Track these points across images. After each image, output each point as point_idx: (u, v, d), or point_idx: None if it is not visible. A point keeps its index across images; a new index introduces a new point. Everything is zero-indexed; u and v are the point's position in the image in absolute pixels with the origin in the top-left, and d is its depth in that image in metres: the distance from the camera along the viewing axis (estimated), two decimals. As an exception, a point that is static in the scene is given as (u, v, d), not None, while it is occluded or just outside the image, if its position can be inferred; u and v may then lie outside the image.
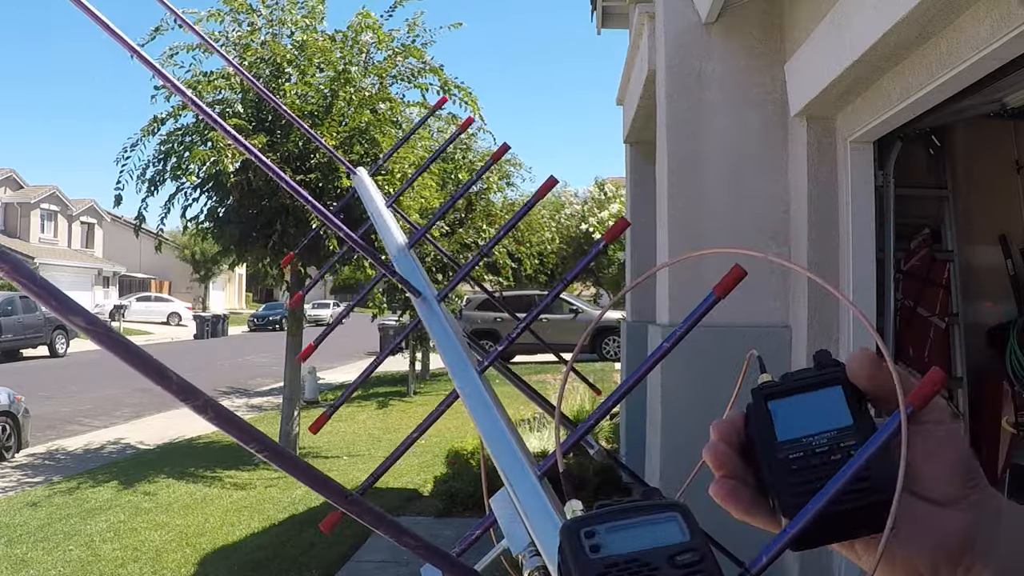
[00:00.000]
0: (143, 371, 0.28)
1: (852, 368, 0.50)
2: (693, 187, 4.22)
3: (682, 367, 4.05)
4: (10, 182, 39.62)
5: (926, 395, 0.43)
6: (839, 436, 0.47)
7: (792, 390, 0.50)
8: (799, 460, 0.47)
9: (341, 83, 8.48)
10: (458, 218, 14.51)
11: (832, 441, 0.47)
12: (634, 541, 0.40)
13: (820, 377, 0.50)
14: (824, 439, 0.47)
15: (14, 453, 9.50)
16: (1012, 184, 4.67)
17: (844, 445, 0.46)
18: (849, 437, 0.47)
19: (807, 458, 0.47)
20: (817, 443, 0.47)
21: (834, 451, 0.46)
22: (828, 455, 0.46)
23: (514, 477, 0.51)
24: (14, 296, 22.25)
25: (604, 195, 21.59)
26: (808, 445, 0.47)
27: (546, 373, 16.05)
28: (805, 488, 0.45)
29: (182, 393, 0.29)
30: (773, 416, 0.49)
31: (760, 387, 0.51)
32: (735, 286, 0.49)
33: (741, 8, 4.15)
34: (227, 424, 0.30)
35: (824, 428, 0.48)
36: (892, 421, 0.43)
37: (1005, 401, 4.45)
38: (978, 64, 2.53)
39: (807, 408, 0.49)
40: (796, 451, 0.47)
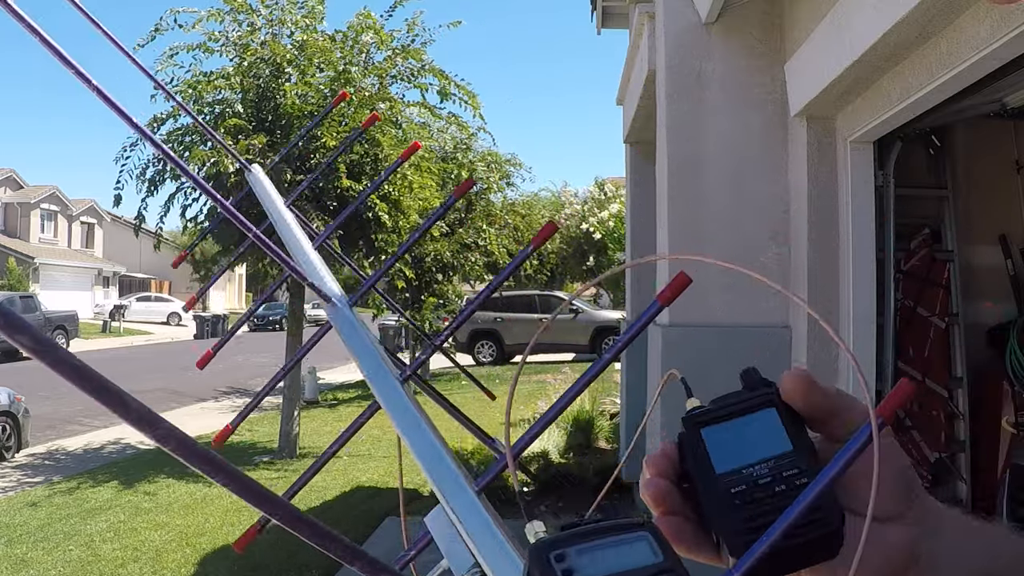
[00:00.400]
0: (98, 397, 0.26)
1: (786, 389, 0.48)
2: (693, 187, 4.22)
3: (682, 367, 4.04)
4: (10, 182, 39.62)
5: (895, 407, 0.41)
6: (781, 464, 0.44)
7: (725, 416, 0.47)
8: (742, 494, 0.44)
9: (341, 83, 8.48)
10: (458, 218, 14.51)
11: (774, 471, 0.44)
12: (607, 563, 0.38)
13: (752, 400, 0.47)
14: (766, 469, 0.44)
15: (14, 453, 9.50)
16: (1012, 184, 4.67)
17: (787, 475, 0.44)
18: (790, 465, 0.44)
19: (750, 491, 0.44)
20: (759, 473, 0.44)
21: (777, 481, 0.44)
22: (772, 486, 0.44)
23: (450, 494, 0.47)
24: (14, 296, 22.27)
25: (604, 195, 21.58)
26: (750, 477, 0.44)
27: (546, 373, 16.05)
28: (752, 524, 0.42)
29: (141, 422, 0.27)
30: (708, 445, 0.46)
31: (691, 415, 0.48)
32: (679, 294, 0.46)
33: (741, 8, 4.15)
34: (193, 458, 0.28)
35: (764, 456, 0.45)
36: (860, 437, 0.40)
37: (1005, 401, 4.45)
38: (978, 64, 2.53)
39: (743, 434, 0.46)
40: (738, 484, 0.44)
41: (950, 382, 4.50)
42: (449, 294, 14.81)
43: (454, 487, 0.48)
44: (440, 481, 0.48)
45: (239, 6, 8.52)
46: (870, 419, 0.40)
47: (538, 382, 14.85)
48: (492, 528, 0.44)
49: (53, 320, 23.22)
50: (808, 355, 3.85)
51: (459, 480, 0.48)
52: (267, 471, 8.37)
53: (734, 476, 0.45)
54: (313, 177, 0.95)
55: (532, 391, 13.40)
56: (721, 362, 4.01)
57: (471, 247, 14.22)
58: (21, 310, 21.81)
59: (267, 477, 8.18)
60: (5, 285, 30.10)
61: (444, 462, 0.49)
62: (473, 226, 14.49)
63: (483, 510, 0.46)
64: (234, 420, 0.73)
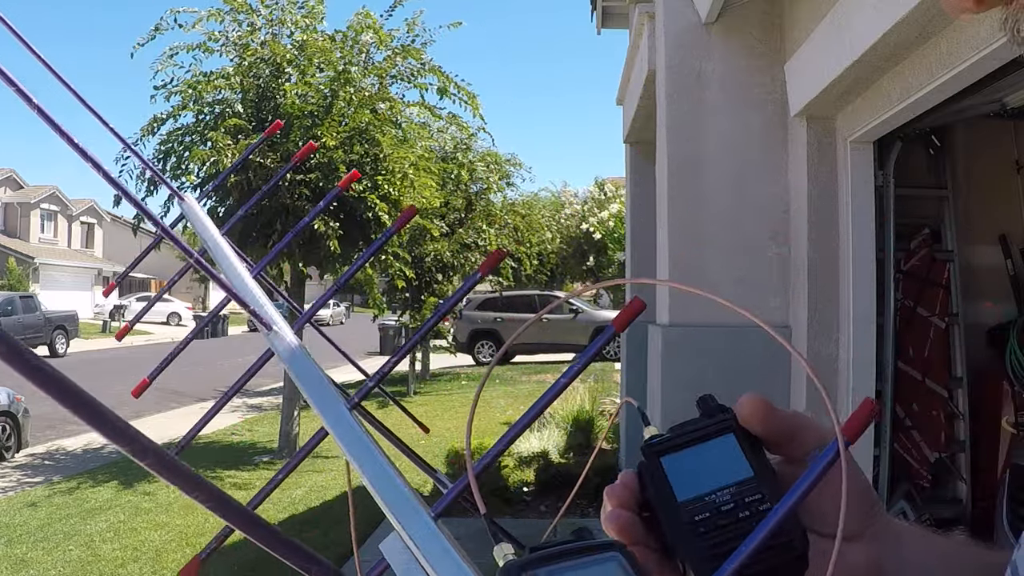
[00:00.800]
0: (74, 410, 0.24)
1: (743, 414, 0.48)
2: (693, 187, 4.22)
3: (682, 367, 4.05)
4: (10, 182, 39.62)
5: (859, 427, 0.41)
6: (743, 490, 0.44)
7: (684, 443, 0.47)
8: (706, 521, 0.44)
9: (341, 83, 8.48)
10: (458, 218, 14.50)
11: (736, 497, 0.44)
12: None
13: (711, 427, 0.47)
14: (727, 495, 0.44)
15: (14, 453, 9.50)
16: (1012, 184, 4.67)
17: (750, 500, 0.44)
18: (752, 490, 0.44)
19: (714, 518, 0.44)
20: (721, 500, 0.44)
21: (740, 507, 0.44)
22: (735, 512, 0.44)
23: (405, 520, 0.46)
24: (14, 296, 22.26)
25: (604, 195, 21.59)
26: (712, 504, 0.44)
27: (545, 373, 16.06)
28: (717, 551, 0.42)
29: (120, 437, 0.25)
30: (668, 474, 0.46)
31: (649, 443, 0.48)
32: (633, 320, 0.46)
33: (741, 8, 4.15)
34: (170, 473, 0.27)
35: (725, 483, 0.45)
36: (825, 455, 0.40)
37: (1005, 401, 4.45)
38: (978, 64, 2.53)
39: (703, 462, 0.46)
40: (701, 511, 0.44)
41: (950, 382, 4.50)
42: (449, 294, 14.80)
43: (409, 512, 0.46)
44: (394, 507, 0.47)
45: (239, 6, 8.52)
46: (836, 438, 0.40)
47: (538, 382, 14.86)
48: (452, 554, 0.43)
49: (53, 320, 23.20)
50: (808, 355, 3.86)
51: (414, 504, 0.47)
52: (267, 471, 8.37)
53: (696, 504, 0.45)
54: (247, 207, 0.94)
55: (532, 391, 13.40)
56: (721, 362, 4.02)
57: (471, 247, 14.21)
58: (21, 310, 21.82)
59: (267, 477, 8.17)
60: (5, 285, 30.09)
61: (396, 488, 0.48)
62: (473, 226, 14.49)
63: (441, 536, 0.45)
64: (151, 372, 0.74)
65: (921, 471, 4.40)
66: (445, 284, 14.29)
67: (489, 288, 20.35)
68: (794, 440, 0.48)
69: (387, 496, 0.48)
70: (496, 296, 19.75)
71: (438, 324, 4.56)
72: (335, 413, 0.55)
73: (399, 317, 15.80)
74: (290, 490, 7.61)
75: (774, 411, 0.48)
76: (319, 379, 0.58)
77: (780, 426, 0.48)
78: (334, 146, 8.05)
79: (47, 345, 23.04)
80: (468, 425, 0.53)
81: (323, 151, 8.05)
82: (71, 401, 0.24)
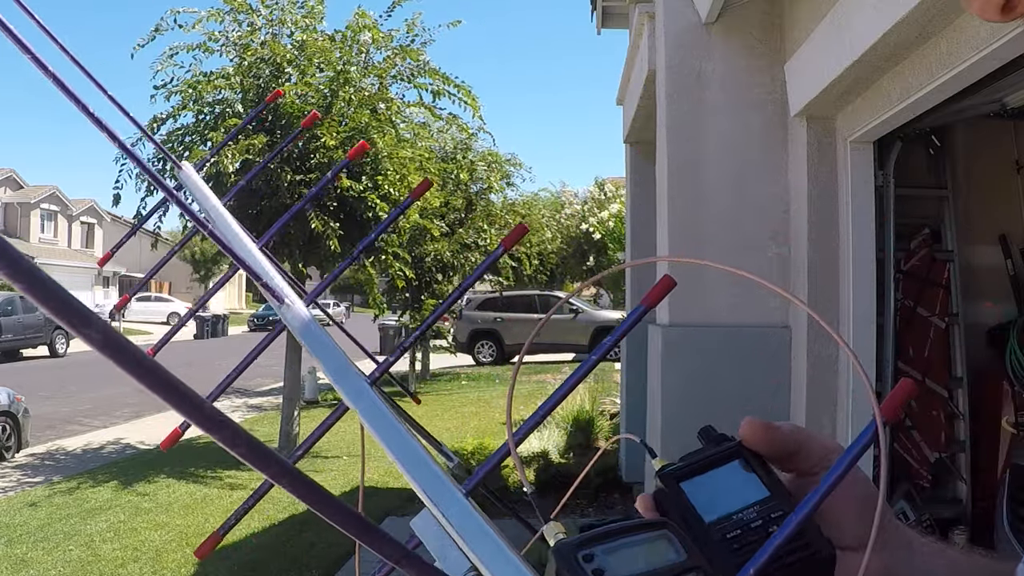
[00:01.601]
0: (167, 398, 0.25)
1: (746, 437, 0.50)
2: (693, 187, 4.22)
3: (682, 367, 4.05)
4: (10, 182, 39.62)
5: (897, 406, 0.41)
6: (766, 508, 0.47)
7: (698, 469, 0.49)
8: (738, 538, 0.46)
9: (341, 83, 8.48)
10: (458, 218, 14.50)
11: (761, 514, 0.46)
12: (634, 563, 0.39)
13: (720, 453, 0.50)
14: (753, 513, 0.47)
15: (14, 453, 9.49)
16: (1012, 184, 4.67)
17: (775, 516, 0.46)
18: (775, 508, 0.47)
19: (744, 535, 0.46)
20: (748, 518, 0.46)
21: (768, 523, 0.46)
22: (764, 528, 0.46)
23: (437, 497, 0.46)
24: (14, 296, 22.25)
25: (604, 195, 21.58)
26: (741, 522, 0.46)
27: (546, 373, 16.06)
28: None
29: (210, 422, 0.26)
30: (690, 498, 0.48)
31: (666, 471, 0.50)
32: (664, 296, 0.47)
33: (741, 8, 4.16)
34: (261, 460, 0.26)
35: (747, 502, 0.47)
36: (862, 437, 0.40)
37: (1005, 401, 4.45)
38: (978, 64, 2.53)
39: (720, 485, 0.48)
40: (731, 530, 0.46)
41: (950, 382, 4.50)
42: (449, 294, 14.82)
43: (441, 490, 0.46)
44: (425, 484, 0.46)
45: (239, 6, 8.52)
46: (874, 417, 0.41)
47: (538, 382, 14.86)
48: (487, 531, 0.43)
49: (53, 320, 23.17)
50: (808, 355, 3.86)
51: (445, 482, 0.47)
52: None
53: (725, 523, 0.47)
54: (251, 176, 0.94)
55: (532, 391, 13.40)
56: (721, 362, 4.02)
57: (471, 247, 14.21)
58: (21, 310, 21.81)
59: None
60: (5, 285, 30.09)
61: (425, 464, 0.48)
62: (473, 226, 14.49)
63: (475, 513, 0.45)
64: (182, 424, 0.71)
65: (921, 471, 4.40)
66: (445, 284, 14.29)
67: (489, 288, 20.36)
68: (799, 453, 0.51)
69: (416, 473, 0.47)
70: (496, 296, 19.75)
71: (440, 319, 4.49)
72: (356, 388, 0.54)
73: (399, 317, 15.80)
74: (290, 490, 7.61)
75: (775, 429, 0.50)
76: (335, 352, 0.57)
77: (783, 442, 0.50)
78: (334, 146, 8.06)
79: (47, 345, 23.04)
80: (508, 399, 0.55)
81: (323, 151, 8.05)
82: (164, 389, 0.24)
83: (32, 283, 0.21)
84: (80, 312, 0.22)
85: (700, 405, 4.00)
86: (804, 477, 0.51)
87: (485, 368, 18.82)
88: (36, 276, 0.21)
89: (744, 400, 4.02)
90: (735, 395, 4.02)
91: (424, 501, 0.46)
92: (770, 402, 4.05)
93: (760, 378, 4.07)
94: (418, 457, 0.48)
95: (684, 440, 2.36)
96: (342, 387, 0.54)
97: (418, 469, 0.48)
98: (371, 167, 8.49)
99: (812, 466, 0.51)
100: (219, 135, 7.91)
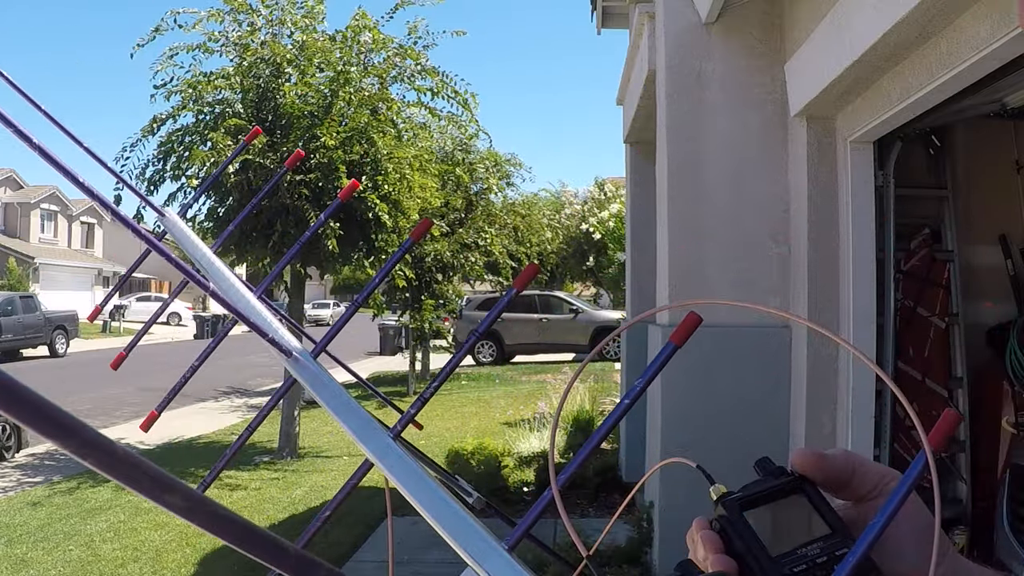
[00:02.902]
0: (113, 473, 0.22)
1: (800, 467, 0.51)
2: (693, 187, 4.22)
3: (682, 367, 4.05)
4: (10, 182, 39.62)
5: (943, 436, 0.43)
6: (830, 544, 0.47)
7: (760, 501, 0.50)
8: (806, 572, 0.47)
9: (341, 83, 8.48)
10: (458, 218, 14.50)
11: (826, 550, 0.47)
12: None
13: (784, 486, 0.50)
14: (818, 549, 0.47)
15: (14, 453, 9.50)
16: (1012, 184, 4.67)
17: (839, 553, 0.47)
18: (839, 545, 0.47)
19: (811, 570, 0.47)
20: (813, 553, 0.47)
21: (833, 560, 0.47)
22: (830, 564, 0.46)
23: (479, 555, 0.45)
24: (14, 296, 22.26)
25: (604, 195, 21.58)
26: (806, 557, 0.47)
27: (545, 373, 16.05)
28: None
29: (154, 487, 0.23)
30: (754, 528, 0.49)
31: (729, 498, 0.50)
32: (691, 335, 0.47)
33: (741, 8, 4.16)
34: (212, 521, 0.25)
35: (810, 538, 0.48)
36: (914, 468, 0.43)
37: (1005, 401, 4.45)
38: (978, 64, 2.54)
39: (782, 518, 0.49)
40: (797, 563, 0.47)
41: (950, 382, 4.50)
42: (449, 294, 14.81)
43: (483, 548, 0.45)
44: (463, 540, 0.45)
45: (239, 6, 8.52)
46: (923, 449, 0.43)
47: (538, 382, 14.85)
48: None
49: (53, 320, 23.19)
50: (808, 355, 3.85)
51: (484, 537, 0.46)
52: (267, 471, 8.37)
53: (791, 557, 0.47)
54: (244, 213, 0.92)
55: (532, 391, 13.40)
56: (721, 362, 4.02)
57: (471, 247, 14.20)
58: (21, 310, 21.79)
59: (267, 477, 8.18)
60: (5, 285, 30.09)
61: (462, 519, 0.47)
62: (473, 226, 14.48)
63: (519, 567, 0.44)
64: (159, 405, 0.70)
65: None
66: (445, 284, 14.29)
67: (489, 288, 20.35)
68: (853, 478, 0.51)
69: (452, 528, 0.46)
70: (496, 296, 19.74)
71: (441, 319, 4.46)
72: (380, 444, 0.53)
73: (399, 317, 15.79)
74: (290, 490, 7.62)
75: (826, 457, 0.51)
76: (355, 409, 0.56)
77: (836, 469, 0.51)
78: (334, 146, 8.05)
79: (47, 345, 23.03)
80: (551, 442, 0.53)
81: (323, 151, 8.04)
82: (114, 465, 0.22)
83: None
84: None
85: (700, 405, 4.00)
86: (862, 503, 0.51)
87: (485, 368, 18.82)
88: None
89: (744, 400, 4.02)
90: (735, 394, 4.02)
91: (467, 560, 0.45)
92: (770, 402, 4.05)
93: (760, 378, 4.07)
94: (451, 511, 0.47)
95: (684, 440, 2.39)
96: (367, 446, 0.53)
97: (453, 523, 0.47)
98: (371, 167, 8.48)
99: (869, 492, 0.51)
100: (219, 135, 7.91)
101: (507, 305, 0.59)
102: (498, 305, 0.58)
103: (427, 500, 0.48)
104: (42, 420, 0.21)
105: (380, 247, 8.84)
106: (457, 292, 15.87)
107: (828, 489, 0.51)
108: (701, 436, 3.94)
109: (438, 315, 14.49)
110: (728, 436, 3.85)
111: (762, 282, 4.14)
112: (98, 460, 0.22)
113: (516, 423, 9.39)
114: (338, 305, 43.97)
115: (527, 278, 0.56)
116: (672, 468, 2.58)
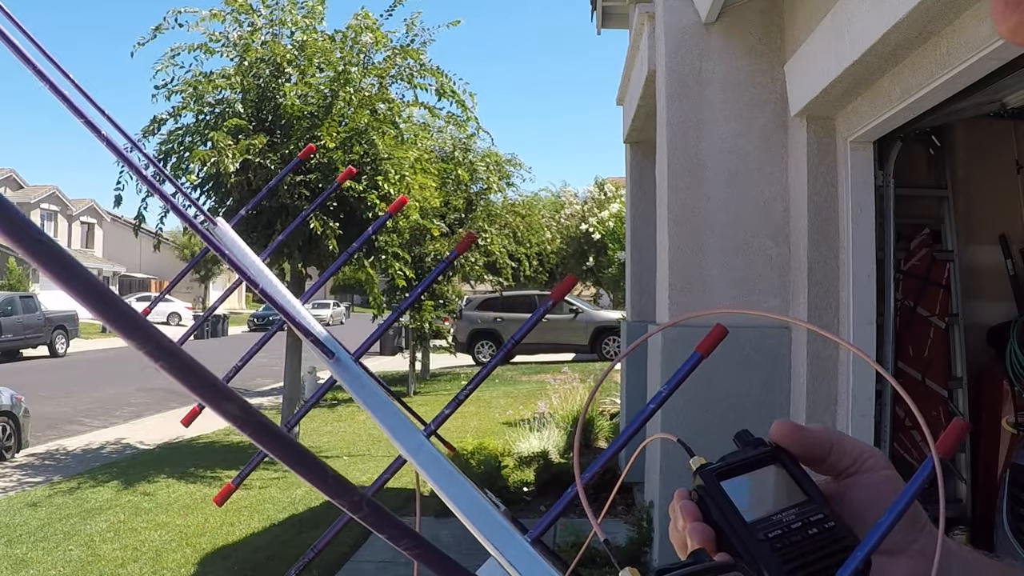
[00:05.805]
0: (295, 467, 0.26)
1: (778, 438, 0.51)
2: (693, 187, 4.22)
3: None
4: (10, 182, 39.63)
5: (951, 444, 0.44)
6: (805, 511, 0.48)
7: (736, 470, 0.51)
8: (780, 538, 0.47)
9: (341, 83, 8.48)
10: (458, 218, 14.50)
11: (801, 516, 0.48)
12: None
13: (760, 455, 0.51)
14: (793, 515, 0.48)
15: (14, 453, 9.50)
16: (1012, 184, 4.67)
17: (814, 519, 0.48)
18: (814, 511, 0.48)
19: (786, 535, 0.47)
20: (788, 519, 0.48)
21: (808, 525, 0.48)
22: (804, 530, 0.47)
23: (503, 545, 0.47)
24: (14, 296, 22.25)
25: (604, 195, 21.58)
26: (781, 523, 0.48)
27: (545, 373, 16.05)
28: (793, 563, 0.46)
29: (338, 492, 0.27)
30: (731, 496, 0.50)
31: (706, 469, 0.51)
32: (716, 345, 0.50)
33: (741, 8, 4.16)
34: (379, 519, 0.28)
35: (785, 504, 0.49)
36: (921, 473, 0.43)
37: (1005, 401, 4.45)
38: (978, 64, 2.54)
39: (758, 487, 0.50)
40: (772, 529, 0.48)
41: (950, 382, 4.49)
42: (449, 294, 14.82)
43: (506, 539, 0.47)
44: (488, 533, 0.48)
45: (240, 6, 8.53)
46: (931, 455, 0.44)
47: (538, 382, 14.86)
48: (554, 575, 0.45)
49: (53, 320, 23.19)
50: (808, 355, 3.86)
51: (509, 531, 0.48)
52: (267, 471, 8.36)
53: (766, 523, 0.48)
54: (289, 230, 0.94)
55: (532, 391, 13.41)
56: (721, 362, 4.02)
57: (471, 247, 14.21)
58: (21, 310, 21.80)
59: (267, 477, 8.18)
60: (5, 285, 30.10)
61: (487, 513, 0.49)
62: (473, 226, 14.49)
63: (541, 560, 0.46)
64: (235, 479, 0.72)
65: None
66: (445, 284, 14.29)
67: (489, 288, 20.34)
68: (831, 453, 0.52)
69: (479, 522, 0.48)
70: (496, 296, 19.74)
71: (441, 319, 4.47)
72: (415, 443, 0.55)
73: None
74: (290, 490, 7.62)
75: (805, 430, 0.51)
76: (389, 407, 0.58)
77: (814, 443, 0.51)
78: (334, 147, 8.06)
79: (47, 345, 23.04)
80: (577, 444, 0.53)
81: (323, 151, 8.05)
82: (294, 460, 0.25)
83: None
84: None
85: (700, 405, 4.00)
86: (840, 479, 0.51)
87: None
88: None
89: (744, 400, 4.02)
90: (734, 394, 4.02)
91: (489, 551, 0.47)
92: (770, 402, 4.05)
93: (760, 378, 4.07)
94: (479, 506, 0.50)
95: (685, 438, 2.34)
96: (400, 443, 0.55)
97: (479, 517, 0.49)
98: (371, 167, 8.49)
99: (847, 467, 0.51)
100: (220, 135, 7.91)
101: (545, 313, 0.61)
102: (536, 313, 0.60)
103: (456, 494, 0.50)
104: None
105: (380, 247, 8.84)
106: (457, 292, 15.87)
107: (806, 462, 0.51)
108: (700, 435, 3.93)
109: (438, 315, 14.50)
110: (728, 436, 3.84)
111: (762, 282, 4.14)
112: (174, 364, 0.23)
113: (516, 423, 9.39)
114: (338, 305, 44.00)
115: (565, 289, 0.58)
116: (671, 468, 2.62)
